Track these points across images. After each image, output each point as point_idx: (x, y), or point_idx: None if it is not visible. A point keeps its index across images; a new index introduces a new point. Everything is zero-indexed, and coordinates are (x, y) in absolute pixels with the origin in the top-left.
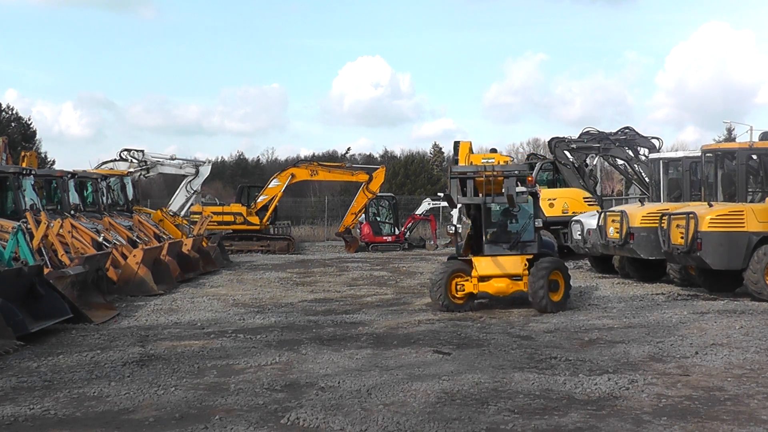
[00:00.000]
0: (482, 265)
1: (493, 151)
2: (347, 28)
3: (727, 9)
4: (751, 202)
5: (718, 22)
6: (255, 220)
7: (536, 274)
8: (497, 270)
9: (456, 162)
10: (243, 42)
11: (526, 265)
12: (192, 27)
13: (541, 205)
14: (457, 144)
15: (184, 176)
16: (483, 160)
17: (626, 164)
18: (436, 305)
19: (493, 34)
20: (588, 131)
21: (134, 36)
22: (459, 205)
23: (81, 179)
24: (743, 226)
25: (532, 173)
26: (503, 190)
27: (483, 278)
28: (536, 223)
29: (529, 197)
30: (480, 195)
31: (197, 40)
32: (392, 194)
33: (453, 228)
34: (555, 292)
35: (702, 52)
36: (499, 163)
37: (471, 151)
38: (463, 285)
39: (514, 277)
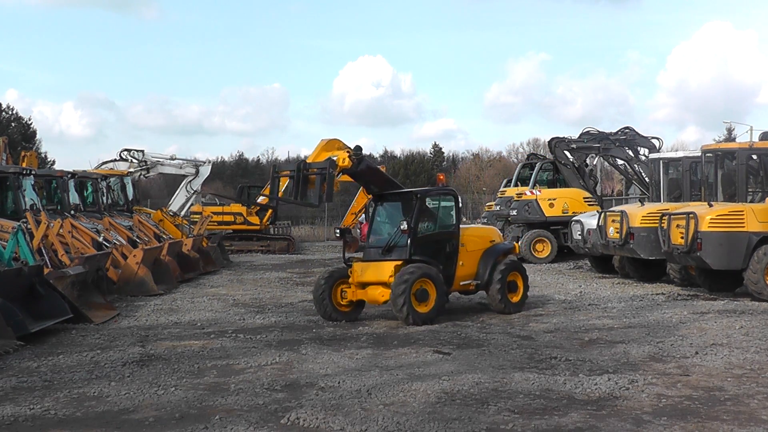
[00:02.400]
0: (359, 271)
1: (358, 149)
2: (348, 28)
3: (729, 9)
4: (751, 202)
5: (721, 21)
6: (255, 220)
7: (396, 282)
8: (371, 276)
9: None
10: (244, 42)
11: (392, 272)
12: (193, 27)
13: (541, 204)
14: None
15: (184, 176)
16: (331, 157)
17: (626, 164)
18: (323, 316)
19: (494, 34)
20: (588, 131)
21: (135, 36)
22: (460, 204)
23: (81, 179)
24: (743, 226)
25: (340, 171)
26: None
27: (362, 285)
28: (402, 226)
29: (418, 199)
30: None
31: (198, 40)
32: None
33: (338, 231)
34: (423, 303)
35: (704, 51)
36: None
37: (348, 148)
38: (346, 292)
39: (388, 285)
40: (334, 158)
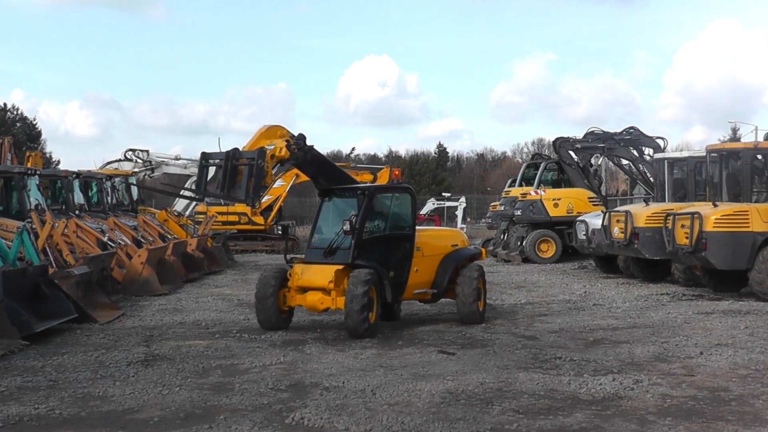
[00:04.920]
0: (299, 273)
1: (301, 137)
2: (354, 28)
3: (736, 8)
4: (756, 202)
5: (728, 20)
6: (259, 220)
7: (354, 285)
8: (310, 281)
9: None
10: (250, 41)
11: (333, 277)
12: (199, 27)
13: (546, 204)
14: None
15: (189, 176)
16: (269, 146)
17: (631, 164)
18: (263, 323)
19: (500, 34)
20: (593, 131)
21: (141, 36)
22: (464, 205)
23: (86, 179)
24: (748, 226)
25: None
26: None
27: (302, 289)
28: (344, 227)
29: (364, 196)
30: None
31: (204, 39)
32: None
33: (279, 228)
34: (370, 312)
35: (710, 51)
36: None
37: (291, 135)
38: (286, 296)
39: (327, 291)
40: (270, 147)
